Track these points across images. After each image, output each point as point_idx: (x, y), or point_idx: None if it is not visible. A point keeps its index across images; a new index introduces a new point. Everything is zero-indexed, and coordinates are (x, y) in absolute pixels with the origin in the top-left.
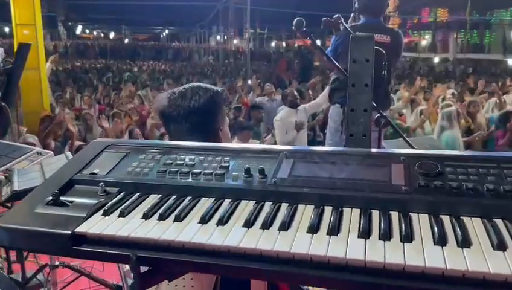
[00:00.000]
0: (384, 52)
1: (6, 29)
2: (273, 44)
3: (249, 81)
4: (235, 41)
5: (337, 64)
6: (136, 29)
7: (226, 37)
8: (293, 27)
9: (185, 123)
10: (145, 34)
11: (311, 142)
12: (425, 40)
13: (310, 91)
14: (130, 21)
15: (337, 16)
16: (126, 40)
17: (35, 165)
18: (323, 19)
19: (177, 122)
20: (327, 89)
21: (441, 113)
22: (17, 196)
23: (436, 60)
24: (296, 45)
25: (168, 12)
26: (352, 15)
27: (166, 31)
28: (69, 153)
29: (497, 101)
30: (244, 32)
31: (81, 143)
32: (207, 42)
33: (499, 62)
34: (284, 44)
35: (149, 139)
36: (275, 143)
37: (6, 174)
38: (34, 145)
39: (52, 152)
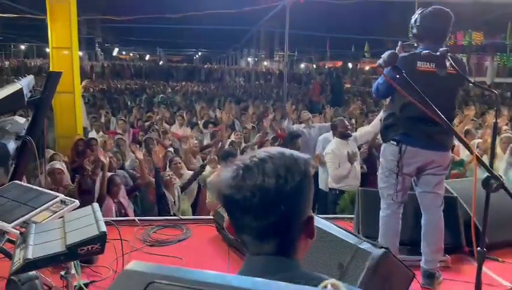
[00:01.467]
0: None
1: (47, 50)
2: (303, 66)
3: (287, 107)
4: (265, 63)
5: (436, 112)
6: (170, 51)
7: (256, 59)
8: (382, 62)
9: (254, 221)
10: (178, 55)
11: None
12: None
13: (353, 120)
14: (165, 43)
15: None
16: (161, 62)
17: (56, 219)
18: (401, 43)
19: (245, 213)
20: (379, 116)
21: (509, 149)
22: (30, 265)
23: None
24: (326, 66)
25: (202, 37)
26: (400, 43)
27: (199, 53)
28: (96, 205)
29: None
30: (275, 55)
31: (112, 174)
32: (238, 64)
33: None
34: (314, 66)
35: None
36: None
37: (23, 229)
38: (62, 171)
39: (77, 201)
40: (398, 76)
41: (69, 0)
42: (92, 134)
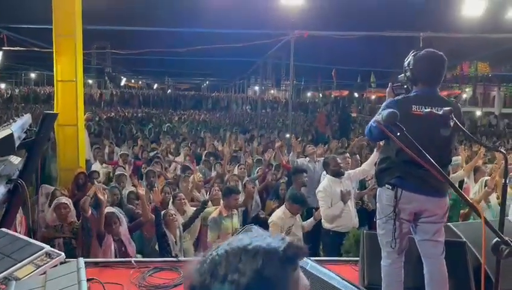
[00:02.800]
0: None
1: None
2: (309, 94)
3: (292, 139)
4: (272, 92)
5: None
6: (178, 80)
7: (263, 88)
8: (381, 120)
9: None
10: (186, 84)
11: (359, 211)
12: (466, 93)
13: (357, 156)
14: (173, 73)
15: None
16: (169, 90)
17: (38, 276)
18: (393, 85)
19: None
20: (373, 155)
21: None
22: None
23: (479, 113)
24: (332, 95)
25: (210, 67)
26: (390, 85)
27: (207, 82)
28: (81, 261)
29: None
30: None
31: (109, 211)
32: (245, 92)
33: None
34: (320, 95)
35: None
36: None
37: (3, 286)
38: (68, 207)
39: (63, 254)
40: (398, 134)
41: (74, 35)
42: (95, 166)
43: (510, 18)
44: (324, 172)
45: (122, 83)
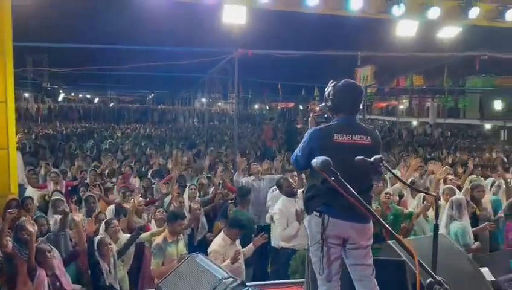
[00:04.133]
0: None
1: None
2: (256, 106)
3: (237, 158)
4: (219, 104)
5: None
6: (121, 92)
7: (211, 100)
8: (317, 168)
9: None
10: (130, 96)
11: None
12: (403, 105)
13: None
14: (116, 87)
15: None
16: (111, 104)
17: None
18: (315, 115)
19: None
20: None
21: (449, 202)
22: None
23: (415, 123)
24: (279, 107)
25: (154, 82)
26: (312, 114)
27: (152, 94)
28: None
29: (504, 185)
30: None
31: (40, 246)
32: (192, 104)
33: (476, 126)
34: (267, 107)
35: (132, 228)
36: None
37: None
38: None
39: None
40: (333, 178)
41: (3, 52)
42: (29, 190)
43: (439, 38)
44: (271, 189)
45: (61, 97)
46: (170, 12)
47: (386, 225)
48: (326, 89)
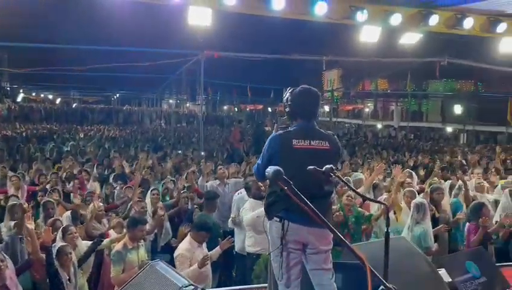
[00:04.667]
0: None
1: None
2: (225, 108)
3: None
4: (188, 105)
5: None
6: (85, 92)
7: (178, 101)
8: (269, 178)
9: None
10: (95, 96)
11: None
12: (368, 108)
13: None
14: (80, 87)
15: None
16: (74, 104)
17: None
18: (279, 126)
19: None
20: None
21: (414, 205)
22: None
23: (379, 126)
24: (248, 109)
25: (119, 82)
26: (275, 126)
27: (117, 95)
28: None
29: (463, 188)
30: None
31: None
32: (159, 106)
33: (438, 129)
34: (236, 109)
35: (90, 234)
36: None
37: None
38: None
39: None
40: (286, 187)
41: None
42: None
43: (401, 44)
44: (236, 193)
45: (21, 97)
46: (134, 12)
47: (337, 232)
48: (284, 96)
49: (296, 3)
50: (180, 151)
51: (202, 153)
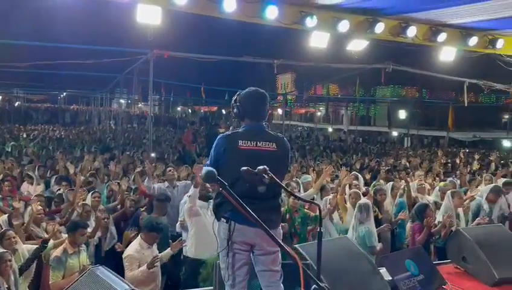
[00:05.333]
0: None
1: None
2: (179, 108)
3: (146, 163)
4: (140, 105)
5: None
6: (29, 90)
7: (129, 101)
8: (202, 179)
9: None
10: (40, 94)
11: None
12: (320, 112)
13: None
14: (24, 85)
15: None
16: (17, 103)
17: None
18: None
19: None
20: None
21: (358, 206)
22: None
23: (330, 129)
24: (202, 110)
25: (65, 80)
26: (231, 128)
27: (64, 93)
28: None
29: (405, 188)
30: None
31: None
32: (109, 105)
33: (385, 133)
34: (189, 110)
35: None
36: None
37: None
38: None
39: None
40: (221, 189)
41: None
42: None
43: (349, 51)
44: (185, 196)
45: None
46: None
47: (274, 235)
48: (233, 97)
49: (248, 6)
50: (129, 153)
51: (152, 155)
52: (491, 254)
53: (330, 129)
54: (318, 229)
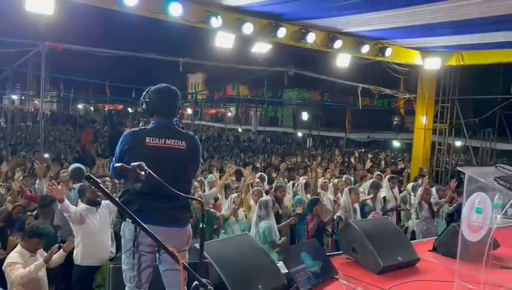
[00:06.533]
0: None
1: None
2: (80, 106)
3: (35, 163)
4: (35, 102)
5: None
6: None
7: (23, 98)
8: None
9: None
10: None
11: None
12: (231, 112)
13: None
14: None
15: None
16: None
17: None
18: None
19: None
20: None
21: (258, 203)
22: None
23: (240, 130)
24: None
25: None
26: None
27: None
28: None
29: (308, 185)
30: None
31: None
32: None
33: (291, 134)
34: (92, 108)
35: None
36: None
37: None
38: None
39: None
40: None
41: None
42: None
43: (253, 53)
44: (79, 200)
45: None
46: None
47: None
48: (143, 93)
49: (150, 1)
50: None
51: (46, 155)
52: (377, 244)
53: (240, 129)
54: (201, 226)
